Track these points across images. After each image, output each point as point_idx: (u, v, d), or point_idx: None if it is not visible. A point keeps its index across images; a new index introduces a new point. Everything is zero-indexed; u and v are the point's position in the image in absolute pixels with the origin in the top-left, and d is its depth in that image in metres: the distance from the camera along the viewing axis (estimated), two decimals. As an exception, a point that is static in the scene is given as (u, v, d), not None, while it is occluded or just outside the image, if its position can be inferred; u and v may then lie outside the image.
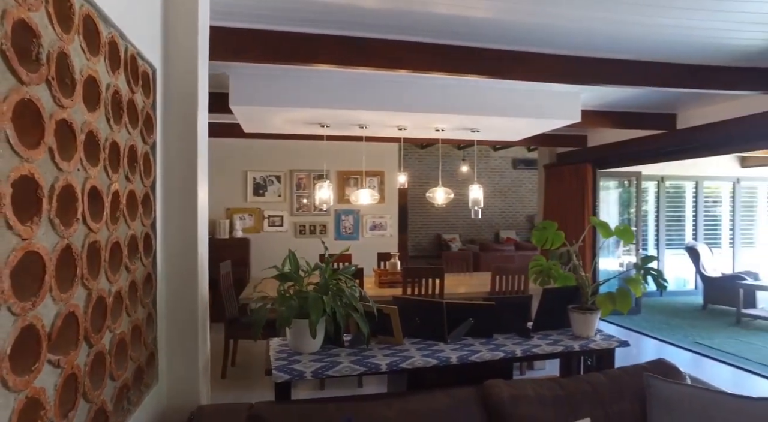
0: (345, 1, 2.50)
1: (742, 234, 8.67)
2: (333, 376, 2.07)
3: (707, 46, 3.17)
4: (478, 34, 2.97)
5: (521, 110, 4.30)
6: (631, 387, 2.03)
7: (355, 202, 4.73)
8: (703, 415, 1.78)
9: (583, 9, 2.60)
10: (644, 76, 3.51)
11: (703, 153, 5.47)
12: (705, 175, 8.32)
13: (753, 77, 3.58)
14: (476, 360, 2.26)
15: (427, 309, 2.51)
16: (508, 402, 1.91)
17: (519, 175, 11.88)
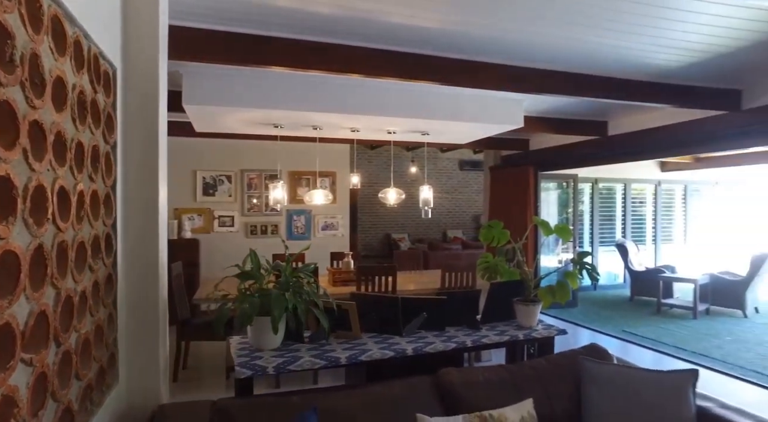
0: (300, 6, 2.56)
1: (663, 231, 9.47)
2: (295, 371, 2.14)
3: (632, 63, 3.51)
4: (429, 42, 3.12)
5: (468, 115, 4.52)
6: (568, 369, 2.25)
7: (309, 203, 4.78)
8: (625, 388, 2.03)
9: (524, 24, 2.81)
10: (578, 87, 3.81)
11: (630, 158, 5.96)
12: (632, 178, 9.01)
13: (669, 92, 3.98)
14: (430, 351, 2.41)
15: (383, 304, 2.63)
16: (460, 387, 2.06)
17: (466, 176, 12.30)
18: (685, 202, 9.70)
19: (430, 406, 1.96)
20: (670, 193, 9.64)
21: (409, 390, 2.03)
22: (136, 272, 1.98)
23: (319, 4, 2.55)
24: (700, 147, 5.20)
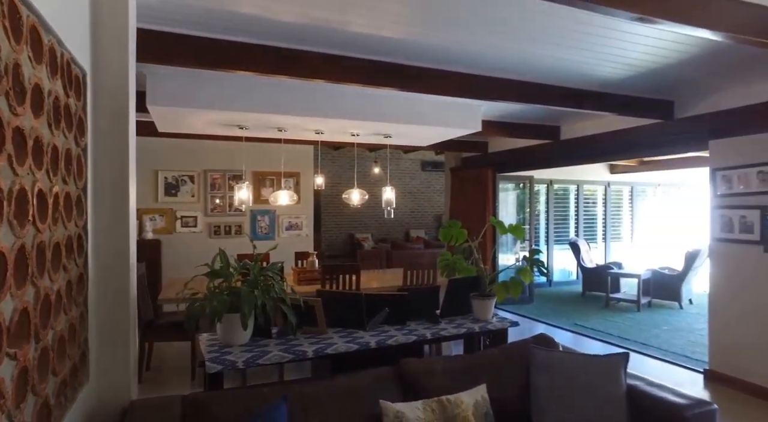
0: (265, 15, 2.65)
1: (612, 230, 10.03)
2: (264, 364, 2.24)
3: (580, 75, 3.79)
4: (392, 51, 3.28)
5: (429, 119, 4.71)
6: (518, 357, 2.44)
7: (274, 203, 4.83)
8: (567, 371, 2.24)
9: (481, 37, 3.01)
10: (532, 95, 4.06)
11: (580, 161, 6.33)
12: (584, 180, 9.49)
13: (612, 102, 4.30)
14: (392, 344, 2.55)
15: (347, 301, 2.76)
16: (420, 375, 2.22)
17: (428, 177, 12.56)
18: (632, 203, 10.29)
19: (393, 394, 2.11)
20: (618, 194, 10.20)
21: (373, 379, 2.17)
22: (107, 272, 2.03)
23: (283, 14, 2.65)
24: (640, 151, 5.60)
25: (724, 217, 4.11)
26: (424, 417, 1.95)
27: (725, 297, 4.17)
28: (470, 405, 2.07)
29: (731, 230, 4.05)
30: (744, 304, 3.99)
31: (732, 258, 4.07)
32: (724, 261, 4.17)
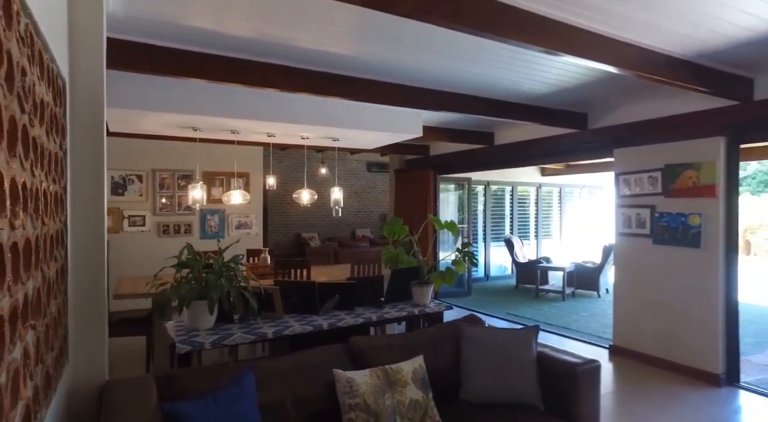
0: (219, 29, 2.91)
1: (543, 228, 10.90)
2: (229, 345, 2.52)
3: (507, 89, 4.31)
4: (340, 65, 3.62)
5: (374, 125, 5.10)
6: (452, 334, 2.87)
7: (227, 202, 5.03)
8: (489, 342, 2.70)
9: (417, 55, 3.42)
10: (466, 106, 4.55)
11: (512, 164, 6.96)
12: (518, 181, 10.26)
13: (535, 113, 4.89)
14: (342, 326, 2.91)
15: (302, 289, 3.08)
16: (367, 350, 2.59)
17: (373, 178, 12.97)
18: (560, 203, 11.22)
19: (344, 365, 2.46)
20: (549, 195, 11.09)
21: (327, 354, 2.51)
22: (83, 264, 2.24)
23: (236, 29, 2.93)
24: (560, 157, 6.29)
25: (625, 215, 4.80)
26: (371, 381, 2.32)
27: (626, 283, 4.86)
28: (409, 371, 2.46)
29: (630, 226, 4.74)
30: (639, 288, 4.69)
31: (630, 249, 4.77)
32: (624, 253, 4.86)
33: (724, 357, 4.11)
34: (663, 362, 4.45)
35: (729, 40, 3.07)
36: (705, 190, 4.15)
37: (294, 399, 2.24)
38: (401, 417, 2.31)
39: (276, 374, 2.27)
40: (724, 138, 4.08)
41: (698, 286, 4.21)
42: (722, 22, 2.79)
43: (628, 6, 2.56)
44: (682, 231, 4.30)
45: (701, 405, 3.70)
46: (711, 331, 4.14)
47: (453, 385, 2.70)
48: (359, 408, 2.22)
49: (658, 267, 4.52)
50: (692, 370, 4.23)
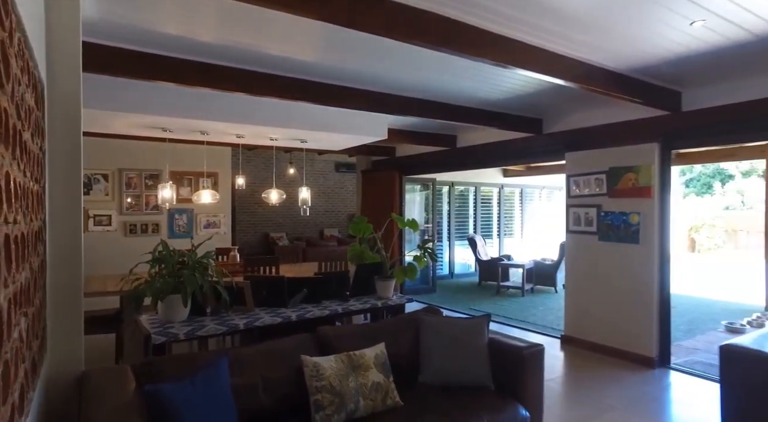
0: (189, 35, 3.04)
1: (505, 227, 11.35)
2: (203, 336, 2.68)
3: (468, 95, 4.60)
4: (308, 71, 3.81)
5: (341, 127, 5.30)
6: (411, 323, 3.11)
7: (197, 202, 5.12)
8: (445, 330, 2.95)
9: (380, 63, 3.65)
10: (429, 111, 4.82)
11: (474, 166, 7.29)
12: (481, 182, 10.65)
13: (494, 118, 5.21)
14: (310, 317, 3.10)
15: (272, 283, 3.26)
16: (333, 338, 2.79)
17: (341, 178, 13.13)
18: (522, 203, 11.70)
19: (311, 352, 2.65)
20: (511, 196, 11.55)
21: (295, 342, 2.70)
22: (61, 259, 2.36)
23: (204, 35, 3.07)
24: (518, 159, 6.67)
25: (575, 214, 5.18)
26: (336, 366, 2.53)
27: (575, 277, 5.24)
28: (372, 357, 2.68)
29: (579, 224, 5.12)
30: (587, 282, 5.07)
31: (579, 246, 5.15)
32: (574, 249, 5.24)
33: (658, 342, 4.52)
34: (607, 348, 4.84)
35: (659, 58, 3.44)
36: (643, 190, 4.56)
37: (265, 382, 2.43)
38: (364, 397, 2.53)
39: (248, 360, 2.45)
40: (658, 144, 4.49)
41: (637, 279, 4.62)
42: (652, 44, 3.14)
43: (571, 28, 2.87)
44: (624, 228, 4.69)
45: (637, 384, 4.09)
46: (647, 319, 4.55)
47: (412, 369, 2.94)
48: (325, 390, 2.43)
49: (603, 262, 4.91)
50: (631, 354, 4.63)
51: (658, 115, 4.44)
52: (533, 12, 2.65)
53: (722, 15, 2.69)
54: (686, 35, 3.01)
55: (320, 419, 2.38)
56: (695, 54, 3.34)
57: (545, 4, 2.56)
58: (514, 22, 2.79)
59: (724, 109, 4.07)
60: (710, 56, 3.37)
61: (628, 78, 3.84)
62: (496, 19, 2.73)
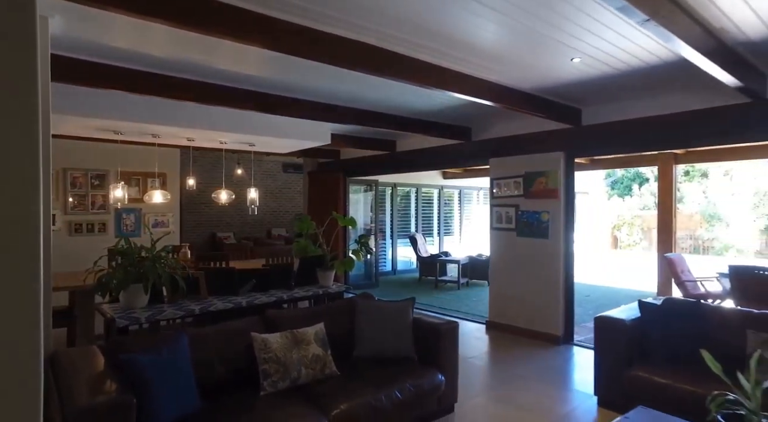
0: (142, 49, 3.35)
1: (445, 226, 12.10)
2: (162, 320, 3.04)
3: (404, 106, 5.15)
4: (256, 83, 4.21)
5: (287, 133, 5.71)
6: (348, 307, 3.60)
7: (149, 202, 5.35)
8: (376, 312, 3.46)
9: (325, 78, 4.12)
10: (368, 119, 5.33)
11: (412, 169, 7.88)
12: (422, 184, 11.33)
13: (429, 126, 5.81)
14: (258, 303, 3.52)
15: (223, 274, 3.64)
16: (278, 319, 3.24)
17: (288, 178, 13.41)
18: (460, 204, 12.50)
19: (260, 330, 3.08)
20: (450, 197, 12.32)
21: (246, 323, 3.12)
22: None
23: (156, 50, 3.39)
24: (451, 163, 7.33)
25: (498, 213, 5.88)
26: (281, 341, 2.98)
27: (497, 269, 5.94)
28: (312, 333, 3.15)
29: (501, 221, 5.82)
30: (507, 273, 5.78)
31: (501, 241, 5.85)
32: (497, 244, 5.94)
33: (563, 323, 5.28)
34: (523, 330, 5.56)
35: (557, 82, 4.13)
36: (552, 192, 5.30)
37: (220, 356, 2.84)
38: (305, 367, 3.00)
39: (204, 338, 2.86)
40: (564, 152, 5.25)
41: (547, 269, 5.36)
42: (549, 72, 3.81)
43: (488, 60, 3.48)
44: (537, 225, 5.42)
45: (545, 358, 4.81)
46: (555, 304, 5.29)
47: (348, 345, 3.43)
48: (272, 361, 2.88)
49: (520, 255, 5.63)
50: (542, 334, 5.37)
51: (564, 128, 5.19)
52: (460, 49, 3.25)
53: (591, 55, 3.39)
54: (572, 67, 3.70)
55: (268, 385, 2.83)
56: (585, 80, 4.05)
57: (469, 43, 3.15)
58: (444, 55, 3.36)
59: (616, 124, 4.86)
60: (597, 81, 4.10)
61: (535, 97, 4.53)
62: (430, 52, 3.30)
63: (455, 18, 2.77)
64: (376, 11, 2.68)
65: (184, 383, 2.52)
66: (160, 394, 2.35)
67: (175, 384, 2.46)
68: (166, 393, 2.38)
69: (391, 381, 3.06)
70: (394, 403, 2.96)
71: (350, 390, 2.91)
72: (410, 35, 3.03)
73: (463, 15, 2.72)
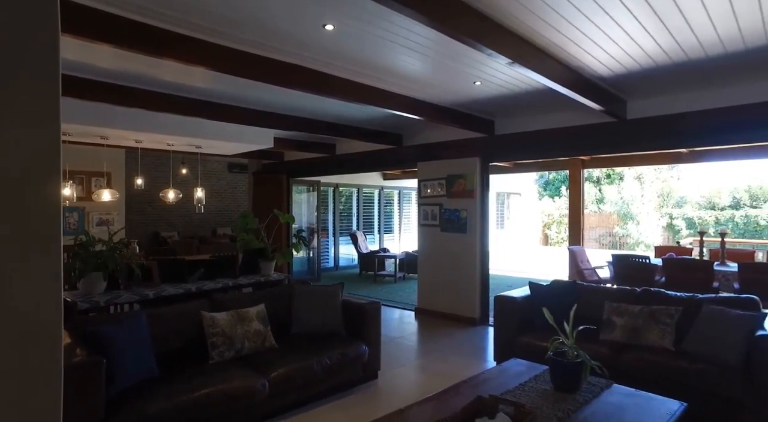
0: (89, 61, 3.73)
1: (385, 224, 12.82)
2: (119, 303, 3.47)
3: (341, 115, 5.75)
4: (201, 92, 4.67)
5: (232, 137, 6.16)
6: (287, 291, 4.16)
7: (97, 200, 5.62)
8: (310, 294, 4.05)
9: (267, 90, 4.64)
10: (308, 126, 5.89)
11: (351, 170, 8.50)
12: (363, 184, 11.97)
13: (364, 133, 6.45)
14: (206, 289, 4.01)
15: (174, 264, 4.10)
16: (225, 300, 3.75)
17: (234, 178, 13.60)
18: (400, 204, 13.26)
19: (208, 310, 3.59)
20: (390, 197, 13.05)
21: (196, 304, 3.62)
22: None
23: (103, 63, 3.76)
24: (386, 166, 8.05)
25: (425, 211, 6.62)
26: (227, 318, 3.50)
27: (425, 261, 6.68)
28: (254, 313, 3.69)
29: (427, 219, 6.56)
30: (433, 264, 6.53)
31: (427, 236, 6.60)
32: (424, 239, 6.68)
33: (479, 307, 6.09)
34: (446, 314, 6.32)
35: (470, 99, 4.89)
36: (469, 193, 6.09)
37: (173, 332, 3.33)
38: (248, 340, 3.54)
39: (160, 316, 3.33)
40: (479, 158, 6.06)
41: (465, 260, 6.14)
42: (461, 91, 4.55)
43: (409, 81, 4.15)
44: (457, 221, 6.20)
45: (462, 336, 5.58)
46: (472, 290, 6.09)
47: (287, 323, 4.00)
48: (219, 334, 3.40)
49: (443, 248, 6.39)
50: (462, 317, 6.15)
51: (479, 137, 5.99)
52: (392, 75, 3.92)
53: (488, 79, 4.16)
54: (475, 88, 4.46)
55: (216, 355, 3.35)
56: (490, 97, 4.83)
57: (399, 72, 3.85)
58: (369, 76, 4.00)
59: (521, 135, 5.71)
60: (500, 99, 4.89)
61: (452, 110, 5.28)
62: (368, 77, 3.95)
63: (390, 56, 3.45)
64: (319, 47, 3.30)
65: (143, 353, 3.00)
66: (123, 360, 2.82)
67: (135, 353, 2.94)
68: (128, 359, 2.86)
69: (322, 351, 3.66)
70: (324, 368, 3.56)
71: (287, 358, 3.48)
72: (353, 66, 3.69)
73: (397, 55, 3.41)
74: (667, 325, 3.74)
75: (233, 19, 2.86)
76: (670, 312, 3.79)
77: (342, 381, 3.80)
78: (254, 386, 3.09)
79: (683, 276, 5.46)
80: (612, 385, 2.79)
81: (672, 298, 3.95)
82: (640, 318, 3.87)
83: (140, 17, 2.80)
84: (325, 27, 2.97)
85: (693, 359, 3.38)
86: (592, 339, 3.86)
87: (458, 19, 2.56)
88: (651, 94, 4.57)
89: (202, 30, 3.01)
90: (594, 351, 3.66)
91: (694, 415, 3.26)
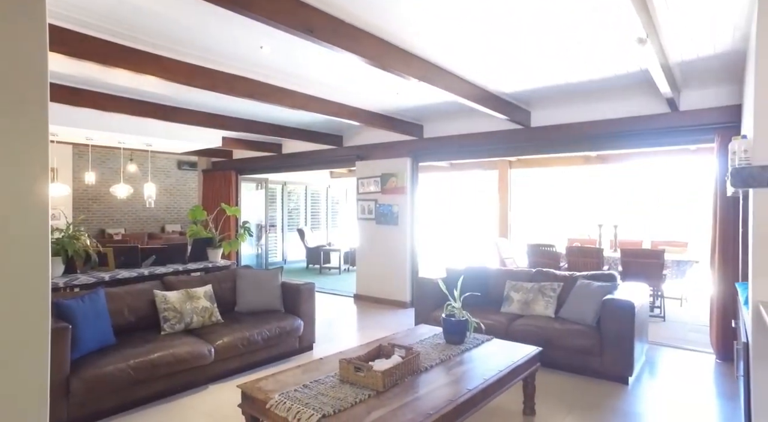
0: (55, 69, 4.15)
1: (332, 220, 13.41)
2: (77, 285, 3.90)
3: (284, 118, 6.30)
4: (154, 96, 5.11)
5: (181, 136, 6.58)
6: (231, 274, 4.69)
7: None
8: (253, 278, 4.61)
9: (216, 95, 5.14)
10: (254, 128, 6.41)
11: (296, 168, 9.02)
12: (311, 182, 12.50)
13: (307, 134, 7.03)
14: (158, 273, 4.48)
15: (128, 251, 4.54)
16: (175, 282, 4.25)
17: (183, 175, 13.77)
18: (346, 200, 13.88)
19: (161, 290, 4.08)
20: (337, 194, 13.64)
21: (149, 285, 4.09)
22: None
23: (59, 67, 4.14)
24: (328, 164, 8.60)
25: (362, 206, 7.28)
26: (177, 296, 4.01)
27: (363, 252, 7.35)
28: (202, 292, 4.22)
29: (364, 213, 7.23)
30: (369, 254, 7.20)
31: (365, 229, 7.27)
32: (362, 232, 7.34)
33: (410, 292, 6.83)
34: (381, 299, 7.02)
35: (399, 106, 5.58)
36: (401, 189, 6.81)
37: (129, 308, 3.81)
38: (196, 315, 4.06)
39: (117, 295, 3.80)
40: (410, 158, 6.79)
41: (397, 250, 6.86)
42: (390, 99, 5.22)
43: (335, 90, 4.77)
44: (390, 215, 6.91)
45: (394, 316, 6.28)
46: (403, 277, 6.82)
47: (232, 303, 4.54)
48: (170, 310, 3.91)
49: (378, 239, 7.08)
50: (396, 302, 6.86)
51: (410, 139, 6.72)
52: (318, 83, 4.54)
53: (406, 91, 4.87)
54: (398, 97, 5.16)
55: (167, 327, 3.86)
56: (415, 105, 5.54)
57: (320, 80, 4.42)
58: (304, 86, 4.59)
59: (445, 138, 6.47)
60: (424, 107, 5.62)
61: (383, 116, 5.96)
62: (294, 84, 4.52)
63: (321, 69, 4.05)
64: (257, 64, 3.86)
65: (102, 324, 3.47)
66: (84, 329, 3.29)
67: (95, 324, 3.41)
68: (88, 329, 3.33)
69: (262, 324, 4.23)
70: (263, 338, 4.14)
71: (230, 330, 4.03)
72: (290, 77, 4.30)
73: (325, 69, 4.02)
74: (551, 298, 4.59)
75: (178, 37, 3.38)
76: (554, 287, 4.64)
77: (281, 351, 4.39)
78: (201, 351, 3.63)
79: (580, 261, 6.41)
80: (492, 339, 3.55)
81: (557, 275, 4.81)
82: (531, 293, 4.70)
83: (92, 32, 3.21)
84: (262, 48, 3.55)
85: (565, 322, 4.23)
86: (494, 312, 4.67)
87: (359, 42, 3.17)
88: (549, 106, 5.44)
89: (148, 44, 3.50)
90: (495, 320, 4.46)
91: (561, 365, 4.12)
